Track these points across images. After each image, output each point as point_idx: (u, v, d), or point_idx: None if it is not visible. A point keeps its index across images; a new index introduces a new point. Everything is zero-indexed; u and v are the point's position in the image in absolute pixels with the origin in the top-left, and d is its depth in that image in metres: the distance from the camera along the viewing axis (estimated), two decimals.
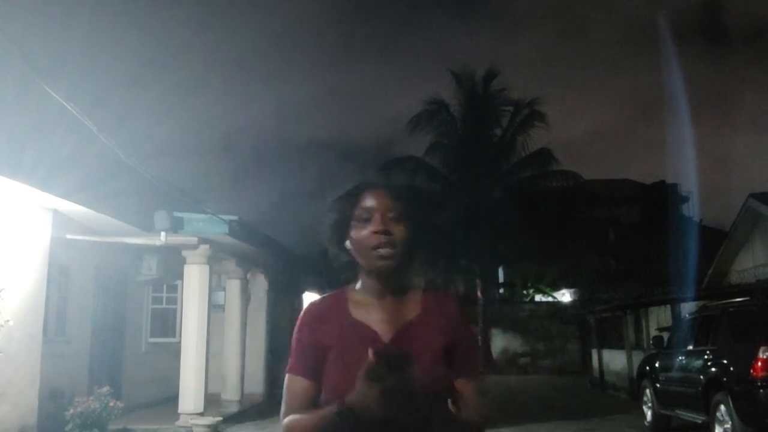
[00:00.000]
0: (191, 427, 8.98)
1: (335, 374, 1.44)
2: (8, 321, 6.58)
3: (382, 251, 1.45)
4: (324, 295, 1.60)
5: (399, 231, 1.47)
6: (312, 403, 1.47)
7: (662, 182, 27.83)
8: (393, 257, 1.46)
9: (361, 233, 1.48)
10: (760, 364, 6.72)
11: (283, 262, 14.16)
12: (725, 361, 7.60)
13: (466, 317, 1.59)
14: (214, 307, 11.43)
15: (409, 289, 1.55)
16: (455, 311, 1.56)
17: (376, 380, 1.27)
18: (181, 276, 10.48)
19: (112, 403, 8.01)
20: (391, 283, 1.51)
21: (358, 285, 1.55)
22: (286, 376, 1.52)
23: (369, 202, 1.49)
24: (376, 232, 1.45)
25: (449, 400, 1.46)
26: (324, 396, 1.46)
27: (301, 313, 1.55)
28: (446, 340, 1.49)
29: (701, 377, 7.93)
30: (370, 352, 1.28)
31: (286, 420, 1.46)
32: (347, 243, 1.51)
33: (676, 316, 14.61)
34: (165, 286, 13.05)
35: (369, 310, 1.50)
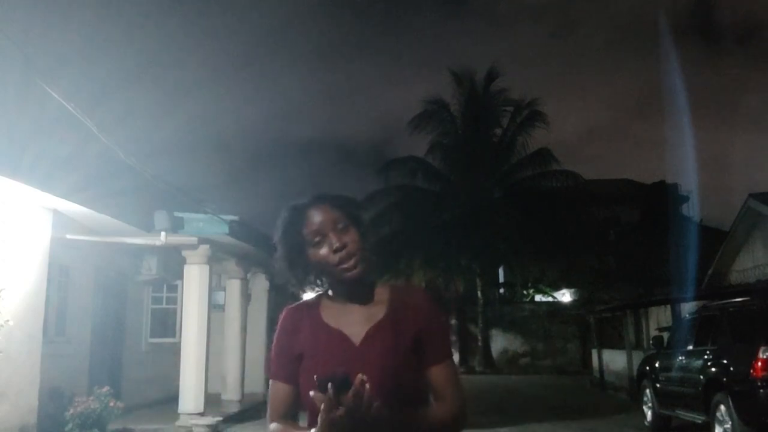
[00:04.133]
0: (191, 427, 8.98)
1: (310, 379, 1.46)
2: (8, 321, 6.58)
3: (346, 265, 1.50)
4: (298, 303, 1.66)
5: (352, 239, 1.52)
6: (294, 405, 1.56)
7: (662, 182, 27.84)
8: (356, 266, 1.51)
9: (320, 254, 1.52)
10: (760, 364, 6.72)
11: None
12: (725, 361, 7.60)
13: (432, 305, 1.61)
14: (214, 307, 11.42)
15: (375, 289, 1.60)
16: (420, 300, 1.59)
17: (331, 410, 1.30)
18: (181, 276, 10.47)
19: (112, 403, 8.01)
20: (359, 288, 1.56)
21: (330, 291, 1.61)
22: (270, 381, 1.59)
23: (314, 222, 1.53)
24: (334, 251, 1.50)
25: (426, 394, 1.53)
26: (302, 399, 1.49)
27: (279, 320, 1.62)
28: (414, 331, 1.53)
29: (701, 377, 7.93)
30: (316, 378, 1.33)
31: (271, 427, 1.56)
32: (309, 265, 1.56)
33: (676, 316, 14.59)
34: (165, 286, 13.05)
35: (340, 315, 1.56)
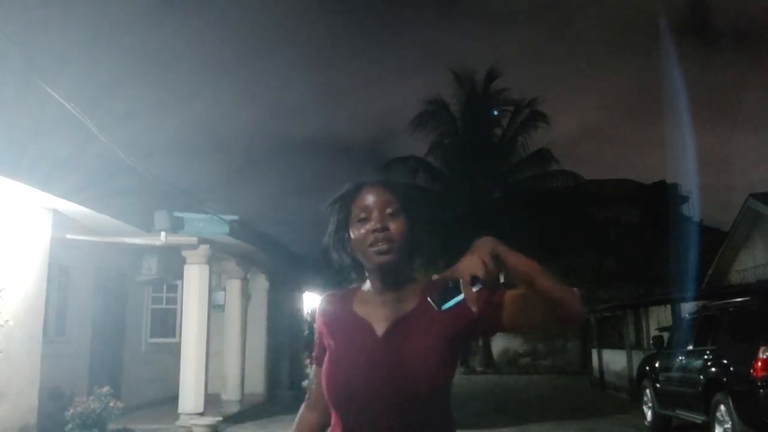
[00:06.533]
0: (191, 427, 8.98)
1: (331, 366, 1.49)
2: (8, 321, 6.59)
3: (380, 247, 1.46)
4: (337, 290, 1.65)
5: (396, 227, 1.47)
6: None
7: (662, 182, 27.81)
8: (390, 252, 1.46)
9: (360, 233, 1.49)
10: (760, 364, 6.72)
11: (283, 261, 14.16)
12: (725, 361, 7.60)
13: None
14: (214, 307, 11.43)
15: (409, 284, 1.54)
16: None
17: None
18: (181, 276, 10.47)
19: (112, 403, 8.01)
20: (391, 279, 1.52)
21: (367, 283, 1.58)
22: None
23: (365, 201, 1.50)
24: (373, 231, 1.46)
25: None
26: (323, 386, 1.50)
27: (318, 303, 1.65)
28: (445, 328, 1.45)
29: (701, 377, 7.93)
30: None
31: (301, 408, 1.69)
32: (349, 245, 1.53)
33: (676, 316, 14.59)
34: (165, 286, 13.05)
35: (370, 307, 1.53)
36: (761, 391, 6.68)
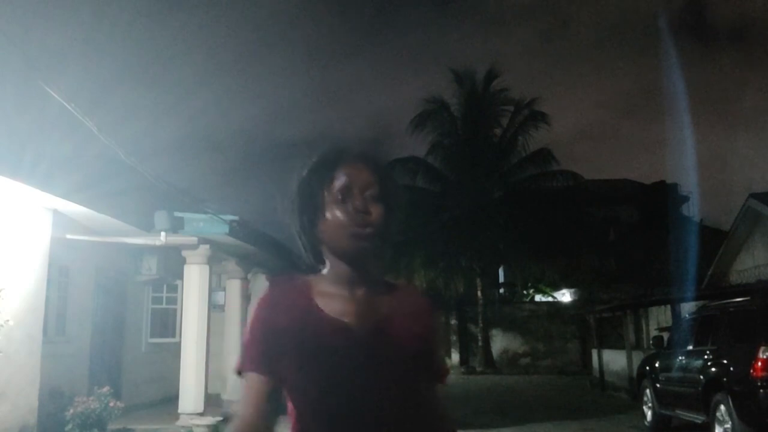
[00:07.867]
0: (191, 427, 8.98)
1: (305, 377, 1.26)
2: (8, 321, 6.58)
3: (360, 230, 1.28)
4: (284, 278, 1.39)
5: (377, 212, 1.30)
6: (268, 399, 1.31)
7: (662, 182, 27.86)
8: (370, 238, 1.28)
9: (336, 212, 1.29)
10: (760, 364, 6.72)
11: (283, 261, 14.15)
12: (725, 361, 7.61)
13: (437, 317, 1.42)
14: (214, 307, 11.42)
15: (382, 280, 1.37)
16: (427, 308, 1.40)
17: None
18: (181, 276, 10.47)
19: (112, 403, 8.01)
20: (365, 271, 1.32)
21: (325, 271, 1.35)
22: (244, 375, 1.36)
23: (345, 180, 1.31)
24: (356, 211, 1.28)
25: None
26: (294, 403, 1.29)
27: (256, 303, 1.35)
28: (420, 340, 1.33)
29: (701, 377, 7.93)
30: None
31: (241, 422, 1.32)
32: (317, 223, 1.33)
33: (676, 316, 14.60)
34: (165, 286, 13.04)
35: (339, 302, 1.30)
36: (761, 391, 6.69)
